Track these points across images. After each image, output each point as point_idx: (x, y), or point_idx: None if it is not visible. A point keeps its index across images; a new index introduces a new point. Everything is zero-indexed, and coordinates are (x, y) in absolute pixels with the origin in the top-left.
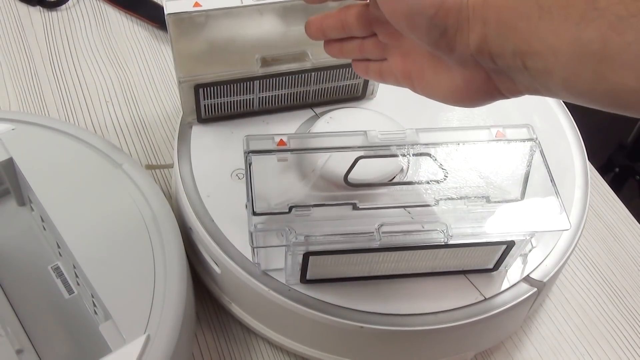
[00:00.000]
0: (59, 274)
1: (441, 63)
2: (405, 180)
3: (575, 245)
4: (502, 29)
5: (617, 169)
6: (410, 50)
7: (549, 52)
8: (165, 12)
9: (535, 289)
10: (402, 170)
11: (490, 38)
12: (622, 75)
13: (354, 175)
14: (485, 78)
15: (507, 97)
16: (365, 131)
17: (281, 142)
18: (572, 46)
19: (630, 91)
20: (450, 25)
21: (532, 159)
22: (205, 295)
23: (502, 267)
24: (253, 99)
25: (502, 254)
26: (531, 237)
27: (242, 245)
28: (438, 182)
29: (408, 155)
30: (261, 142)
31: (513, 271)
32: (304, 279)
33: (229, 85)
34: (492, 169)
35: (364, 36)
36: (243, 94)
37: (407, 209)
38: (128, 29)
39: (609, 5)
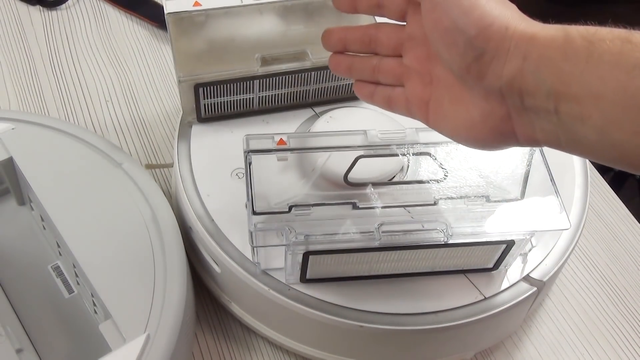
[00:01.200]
0: (59, 273)
1: (463, 95)
2: (405, 179)
3: (575, 244)
4: (543, 67)
5: (616, 168)
6: (434, 78)
7: (589, 98)
8: (165, 12)
9: (535, 289)
10: (402, 169)
11: (527, 74)
12: None
13: (354, 175)
14: (504, 117)
15: (521, 145)
16: (365, 130)
17: (281, 142)
18: (618, 94)
19: None
20: (488, 50)
21: (531, 158)
22: (205, 295)
23: (502, 267)
24: (253, 98)
25: (502, 253)
26: (531, 237)
27: (242, 244)
28: (438, 182)
29: (408, 155)
30: (261, 142)
31: (513, 270)
32: (303, 279)
33: (228, 85)
34: (492, 168)
35: (385, 55)
36: (243, 93)
37: (407, 208)
38: (128, 28)
39: None
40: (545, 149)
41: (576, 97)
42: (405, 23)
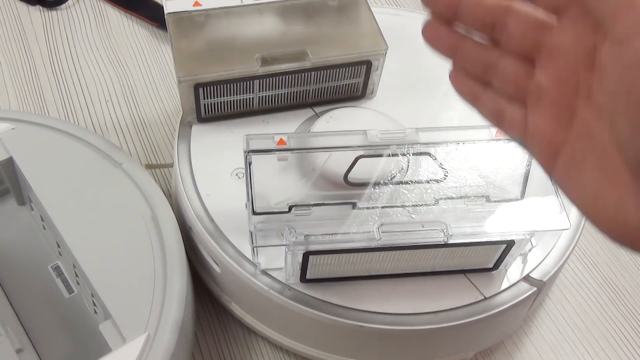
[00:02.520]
0: (59, 273)
1: (618, 169)
2: (405, 179)
3: (575, 244)
4: None
5: None
6: (579, 120)
7: None
8: (165, 12)
9: (535, 288)
10: (402, 169)
11: None
12: None
13: (354, 175)
14: None
15: None
16: (365, 130)
17: (281, 142)
18: None
19: None
20: None
21: (532, 158)
22: (205, 295)
23: (502, 267)
24: (253, 98)
25: (502, 253)
26: (531, 237)
27: (242, 244)
28: (438, 182)
29: (408, 155)
30: (261, 142)
31: (513, 270)
32: (303, 279)
33: (228, 85)
34: (492, 168)
35: (509, 52)
36: (243, 94)
37: (406, 208)
38: (128, 28)
39: None
40: None
41: None
42: (555, 20)
